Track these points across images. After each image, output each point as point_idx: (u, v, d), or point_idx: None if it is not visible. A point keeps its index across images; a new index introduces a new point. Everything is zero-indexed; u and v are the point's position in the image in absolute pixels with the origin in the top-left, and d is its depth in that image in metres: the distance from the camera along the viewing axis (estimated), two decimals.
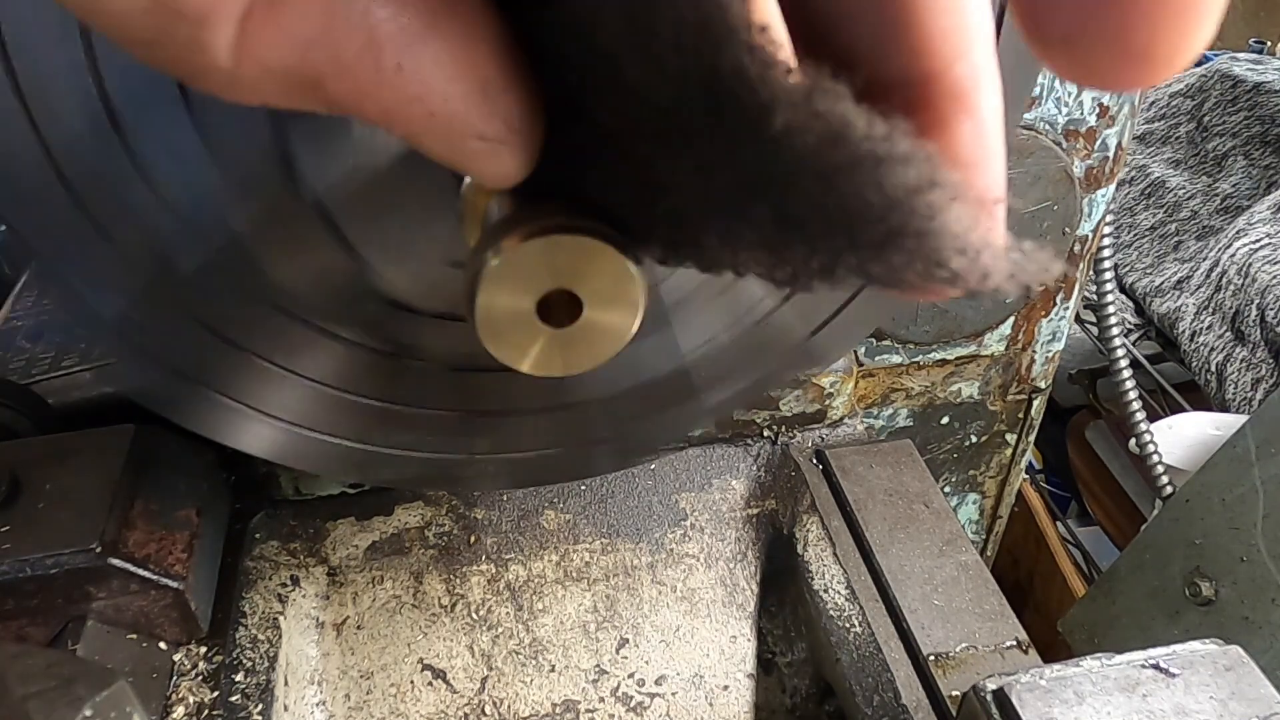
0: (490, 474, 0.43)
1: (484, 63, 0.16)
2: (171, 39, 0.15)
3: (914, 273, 0.16)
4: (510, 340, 0.21)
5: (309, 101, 0.16)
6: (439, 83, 0.16)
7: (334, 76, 0.16)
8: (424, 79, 0.16)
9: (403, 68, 0.16)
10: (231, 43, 0.15)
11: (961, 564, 0.51)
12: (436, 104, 0.16)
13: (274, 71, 0.16)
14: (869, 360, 0.68)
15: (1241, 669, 0.37)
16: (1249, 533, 0.79)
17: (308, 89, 0.16)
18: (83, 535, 0.41)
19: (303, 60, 0.15)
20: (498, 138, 0.17)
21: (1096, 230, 0.65)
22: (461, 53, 0.16)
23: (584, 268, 0.20)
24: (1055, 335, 0.70)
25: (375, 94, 0.16)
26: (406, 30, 0.15)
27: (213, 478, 0.51)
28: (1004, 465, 0.80)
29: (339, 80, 0.16)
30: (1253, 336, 1.06)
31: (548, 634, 0.56)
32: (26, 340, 0.61)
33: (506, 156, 0.18)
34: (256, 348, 0.34)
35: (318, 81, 0.16)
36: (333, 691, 0.53)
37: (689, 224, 0.19)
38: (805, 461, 0.58)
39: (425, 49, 0.16)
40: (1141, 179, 1.39)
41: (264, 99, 0.16)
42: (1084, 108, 0.57)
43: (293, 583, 0.53)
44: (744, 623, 0.58)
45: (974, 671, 0.45)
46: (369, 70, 0.16)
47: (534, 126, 0.18)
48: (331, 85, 0.16)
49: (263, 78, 0.16)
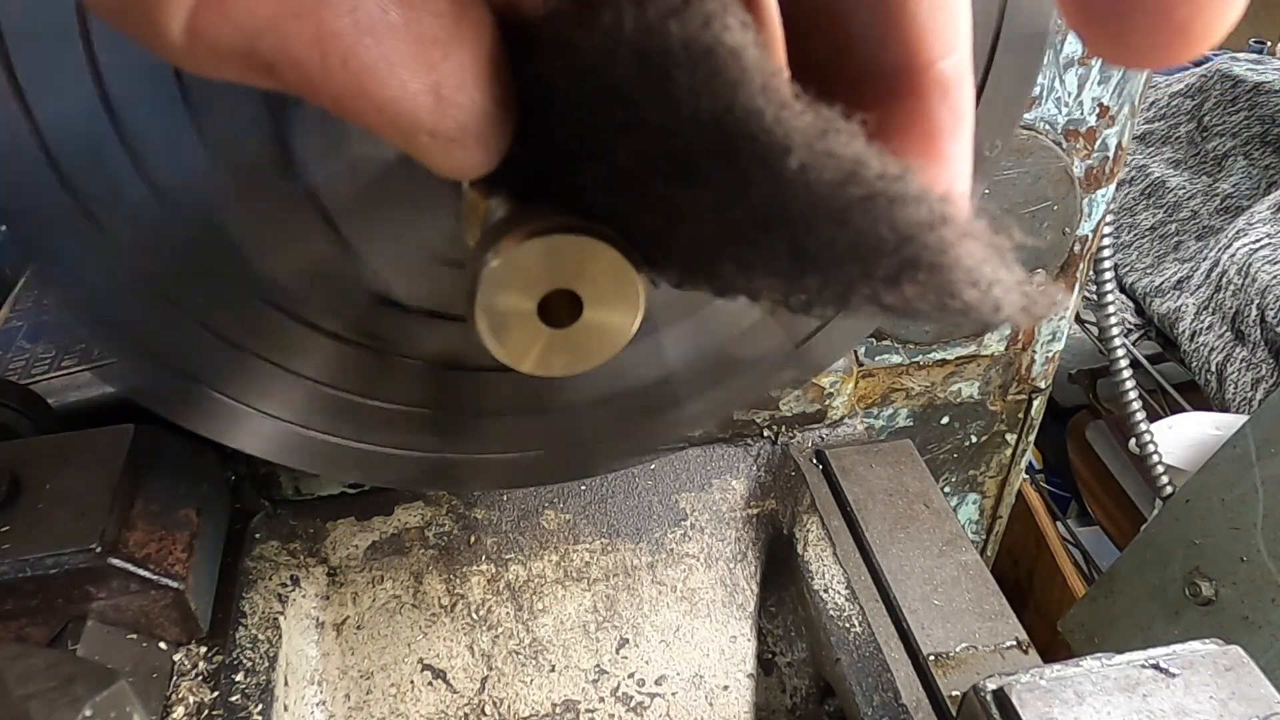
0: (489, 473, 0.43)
1: (440, 64, 0.17)
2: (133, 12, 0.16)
3: (927, 304, 0.16)
4: (511, 340, 0.21)
5: (264, 81, 0.17)
6: (386, 79, 0.16)
7: (283, 66, 0.16)
8: (371, 76, 0.16)
9: (349, 64, 0.16)
10: (183, 25, 0.15)
11: (961, 564, 0.51)
12: (384, 100, 0.16)
13: (225, 54, 0.16)
14: (869, 360, 0.68)
15: (1241, 669, 0.37)
16: (1249, 533, 0.79)
17: (261, 72, 0.16)
18: (83, 535, 0.41)
19: (251, 47, 0.16)
20: (448, 136, 0.17)
21: (1096, 230, 0.65)
22: (413, 54, 0.16)
23: (584, 268, 0.20)
24: (1055, 335, 0.70)
25: (324, 85, 0.16)
26: (357, 26, 0.16)
27: (213, 478, 0.51)
28: (1004, 465, 0.80)
29: (287, 69, 0.16)
30: (1253, 336, 1.06)
31: (548, 634, 0.56)
32: (26, 340, 0.61)
33: (460, 154, 0.18)
34: (253, 345, 0.34)
35: (269, 67, 0.16)
36: (333, 691, 0.53)
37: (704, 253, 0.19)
38: (805, 461, 0.58)
39: (374, 46, 0.16)
40: (1141, 179, 1.39)
41: (221, 75, 0.17)
42: (1084, 108, 0.57)
43: (293, 583, 0.53)
44: (744, 623, 0.58)
45: (974, 671, 0.45)
46: (316, 64, 0.16)
47: (495, 126, 0.18)
48: (282, 72, 0.16)
49: (215, 58, 0.16)
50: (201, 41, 0.16)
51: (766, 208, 0.16)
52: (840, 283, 0.17)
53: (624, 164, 0.18)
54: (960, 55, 0.19)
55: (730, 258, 0.19)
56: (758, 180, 0.16)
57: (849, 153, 0.15)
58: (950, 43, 0.18)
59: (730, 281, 0.19)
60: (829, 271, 0.17)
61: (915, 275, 0.16)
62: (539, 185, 0.20)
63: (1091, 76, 0.56)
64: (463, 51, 0.17)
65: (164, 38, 0.16)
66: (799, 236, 0.16)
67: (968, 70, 0.19)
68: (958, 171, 0.20)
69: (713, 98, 0.15)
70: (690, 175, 0.17)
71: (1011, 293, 0.16)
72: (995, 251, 0.16)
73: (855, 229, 0.15)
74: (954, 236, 0.15)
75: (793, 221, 0.16)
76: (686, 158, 0.16)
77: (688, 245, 0.19)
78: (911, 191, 0.15)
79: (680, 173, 0.17)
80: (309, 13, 0.15)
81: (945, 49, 0.18)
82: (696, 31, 0.14)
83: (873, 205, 0.15)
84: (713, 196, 0.17)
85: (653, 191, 0.18)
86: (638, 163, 0.18)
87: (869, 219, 0.15)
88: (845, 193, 0.15)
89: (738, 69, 0.14)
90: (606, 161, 0.18)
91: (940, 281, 0.16)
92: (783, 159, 0.15)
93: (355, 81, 0.16)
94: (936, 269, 0.15)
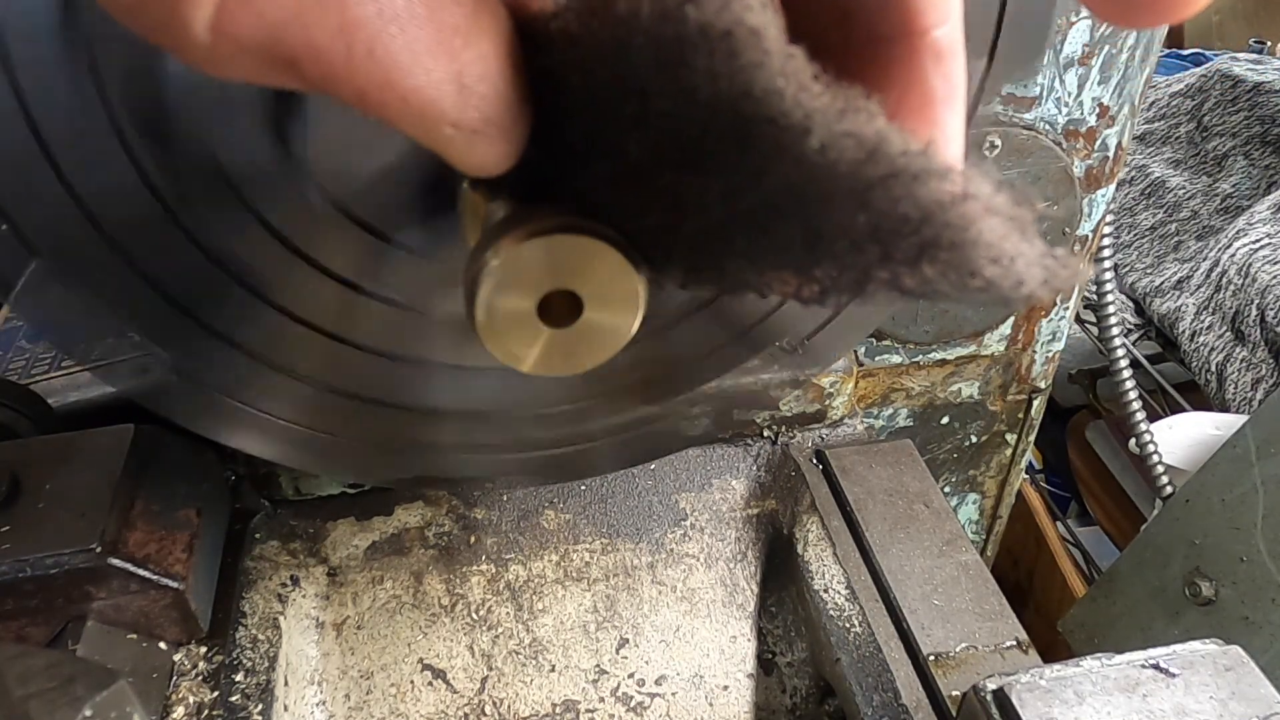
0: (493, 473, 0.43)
1: (462, 53, 0.17)
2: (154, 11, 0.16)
3: (948, 283, 0.16)
4: (510, 340, 0.21)
5: (286, 80, 0.17)
6: (411, 69, 0.16)
7: (307, 58, 0.16)
8: (396, 65, 0.16)
9: (374, 53, 0.16)
10: (208, 21, 0.15)
11: (961, 564, 0.51)
12: (408, 90, 0.16)
13: (249, 50, 0.16)
14: (869, 360, 0.68)
15: (1241, 669, 0.37)
16: (1249, 533, 0.79)
17: (283, 68, 0.16)
18: (83, 535, 0.41)
19: (277, 41, 0.16)
20: (472, 128, 0.17)
21: (1096, 230, 0.65)
22: (436, 42, 0.16)
23: (584, 268, 0.20)
24: (1055, 335, 0.70)
25: (348, 76, 0.16)
26: (381, 14, 0.16)
27: (213, 478, 0.51)
28: (1004, 465, 0.80)
29: (312, 62, 0.16)
30: (1253, 336, 1.06)
31: (548, 634, 0.56)
32: (26, 340, 0.61)
33: (483, 146, 0.18)
34: (254, 345, 0.34)
35: (292, 62, 0.16)
36: (333, 691, 0.53)
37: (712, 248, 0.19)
38: (805, 461, 0.58)
39: (399, 35, 0.16)
40: (1141, 179, 1.39)
41: (241, 76, 0.17)
42: (1084, 108, 0.57)
43: (293, 583, 0.53)
44: (744, 623, 0.58)
45: (974, 671, 0.45)
46: (341, 54, 0.16)
47: (515, 120, 0.18)
48: (306, 65, 0.16)
49: (238, 55, 0.16)
50: (226, 38, 0.16)
51: (784, 192, 0.16)
52: (858, 268, 0.17)
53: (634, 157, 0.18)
54: (953, 25, 0.19)
55: (739, 252, 0.19)
56: (776, 164, 0.16)
57: (870, 131, 0.15)
58: (944, 12, 0.19)
59: (738, 277, 0.19)
60: (846, 257, 0.17)
61: (936, 254, 0.15)
62: (544, 185, 0.20)
63: (1091, 76, 0.56)
64: (483, 41, 0.17)
65: (187, 37, 0.15)
66: (816, 220, 0.16)
67: (960, 41, 0.20)
68: (951, 139, 0.20)
69: (731, 81, 0.15)
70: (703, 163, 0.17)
71: (1034, 267, 0.16)
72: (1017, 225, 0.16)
73: (876, 209, 0.15)
74: (977, 211, 0.15)
75: (811, 205, 0.16)
76: (700, 145, 0.16)
77: (693, 242, 0.19)
78: (935, 167, 0.15)
79: (692, 162, 0.17)
80: (333, 2, 0.15)
81: (939, 18, 0.19)
82: (714, 15, 0.14)
83: (895, 183, 0.15)
84: (725, 185, 0.17)
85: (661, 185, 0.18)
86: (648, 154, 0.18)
87: (891, 198, 0.15)
88: (867, 171, 0.15)
89: (758, 51, 0.14)
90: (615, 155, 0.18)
91: (961, 259, 0.15)
92: (803, 140, 0.15)
93: (380, 71, 0.16)
94: (958, 246, 0.15)
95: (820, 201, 0.16)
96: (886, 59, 0.19)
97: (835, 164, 0.15)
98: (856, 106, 0.15)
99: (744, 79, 0.15)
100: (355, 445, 0.41)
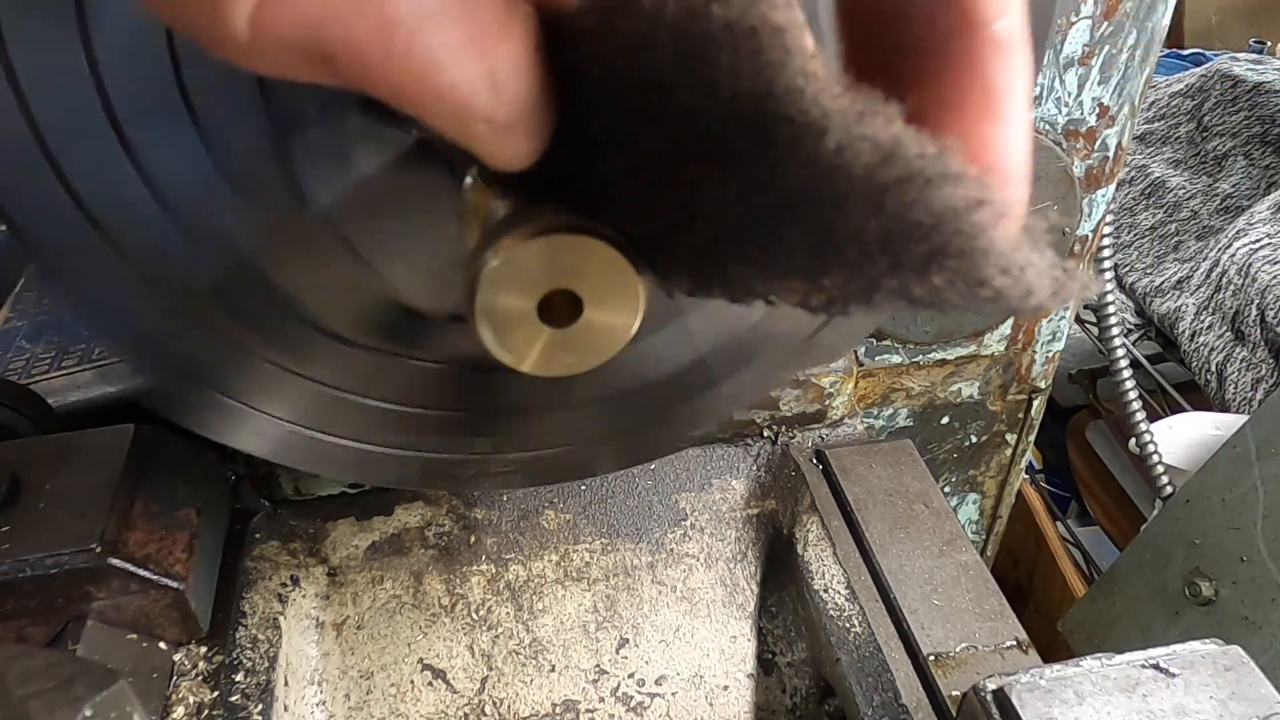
0: (497, 473, 0.43)
1: (494, 50, 0.17)
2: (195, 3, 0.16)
3: (956, 293, 0.16)
4: (511, 340, 0.21)
5: (322, 75, 0.17)
6: (447, 66, 0.17)
7: (346, 54, 0.16)
8: (432, 61, 0.16)
9: (411, 51, 0.16)
10: (249, 15, 0.16)
11: (961, 564, 0.51)
12: (444, 86, 0.17)
13: (288, 46, 0.16)
14: (869, 360, 0.68)
15: (1241, 669, 0.37)
16: (1249, 533, 0.79)
17: (321, 64, 0.17)
18: (83, 535, 0.41)
19: (316, 38, 0.16)
20: (504, 123, 0.18)
21: (1096, 230, 0.65)
22: (471, 38, 0.17)
23: (584, 268, 0.20)
24: (1055, 335, 0.70)
25: (385, 73, 0.17)
26: (418, 13, 0.16)
27: (213, 478, 0.51)
28: (1004, 465, 0.80)
29: (350, 59, 0.16)
30: (1253, 336, 1.06)
31: (548, 634, 0.56)
32: (26, 340, 0.61)
33: (511, 141, 0.18)
34: (268, 354, 0.34)
35: (331, 57, 0.16)
36: (333, 691, 0.53)
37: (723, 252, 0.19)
38: (805, 461, 0.58)
39: (436, 33, 0.16)
40: (1141, 179, 1.39)
41: (279, 71, 0.17)
42: (1084, 108, 0.57)
43: (293, 583, 0.53)
44: (744, 623, 0.58)
45: (974, 671, 0.45)
46: (379, 49, 0.16)
47: (543, 115, 0.19)
48: (343, 62, 0.16)
49: (278, 51, 0.16)
50: (265, 33, 0.16)
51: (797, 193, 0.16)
52: (867, 276, 0.17)
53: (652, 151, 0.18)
54: (1014, 17, 0.19)
55: (748, 257, 0.19)
56: (792, 163, 0.16)
57: (886, 135, 0.15)
58: (1004, 4, 0.19)
59: (746, 284, 0.19)
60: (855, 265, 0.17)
61: (945, 263, 0.15)
62: (560, 179, 0.20)
63: (1091, 76, 0.56)
64: (513, 38, 0.17)
65: (227, 32, 0.16)
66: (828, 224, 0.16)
67: (1022, 33, 0.19)
68: (1017, 132, 0.20)
69: (754, 79, 0.15)
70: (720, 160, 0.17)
71: (1044, 277, 0.16)
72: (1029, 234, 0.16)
73: (889, 213, 0.15)
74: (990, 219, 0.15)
75: (824, 207, 0.16)
76: (719, 142, 0.16)
77: (703, 246, 0.19)
78: (951, 171, 0.15)
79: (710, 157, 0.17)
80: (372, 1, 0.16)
81: (1000, 10, 0.19)
82: (740, 12, 0.14)
83: (909, 186, 0.15)
84: (740, 183, 0.17)
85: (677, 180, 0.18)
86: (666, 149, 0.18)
87: (904, 202, 0.15)
88: (881, 174, 0.15)
89: (781, 49, 0.14)
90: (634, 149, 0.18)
91: (970, 269, 0.15)
92: (820, 140, 0.15)
93: (417, 68, 0.16)
94: (967, 255, 0.15)
95: (833, 204, 0.16)
96: (947, 53, 0.19)
97: (850, 165, 0.15)
98: (875, 110, 0.15)
99: (766, 77, 0.15)
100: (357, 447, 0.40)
